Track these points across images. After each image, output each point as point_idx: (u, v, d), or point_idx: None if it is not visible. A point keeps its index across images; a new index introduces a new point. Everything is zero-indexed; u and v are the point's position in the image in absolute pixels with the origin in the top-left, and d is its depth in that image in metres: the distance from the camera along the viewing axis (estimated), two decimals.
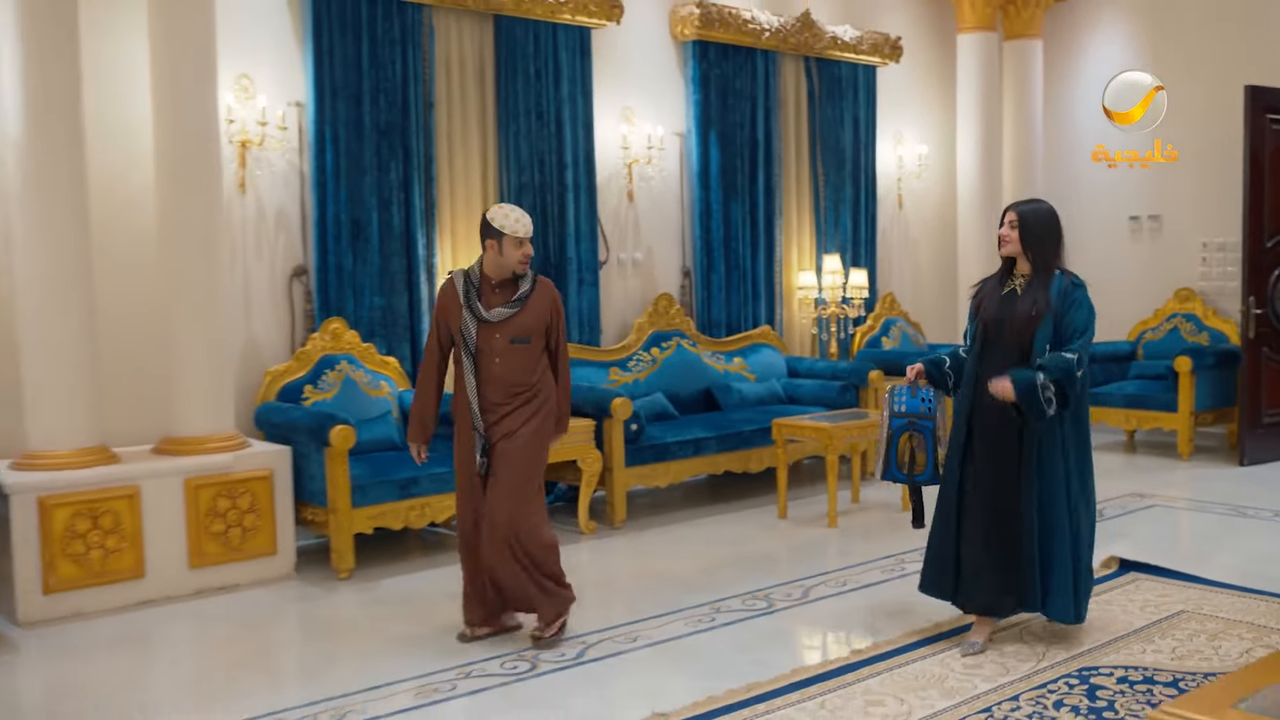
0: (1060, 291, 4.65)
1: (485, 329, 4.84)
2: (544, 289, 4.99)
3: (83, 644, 5.03)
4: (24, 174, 5.41)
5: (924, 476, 5.01)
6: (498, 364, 4.84)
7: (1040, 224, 4.73)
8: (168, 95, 5.81)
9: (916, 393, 5.02)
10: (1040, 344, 4.59)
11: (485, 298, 4.88)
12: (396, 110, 6.93)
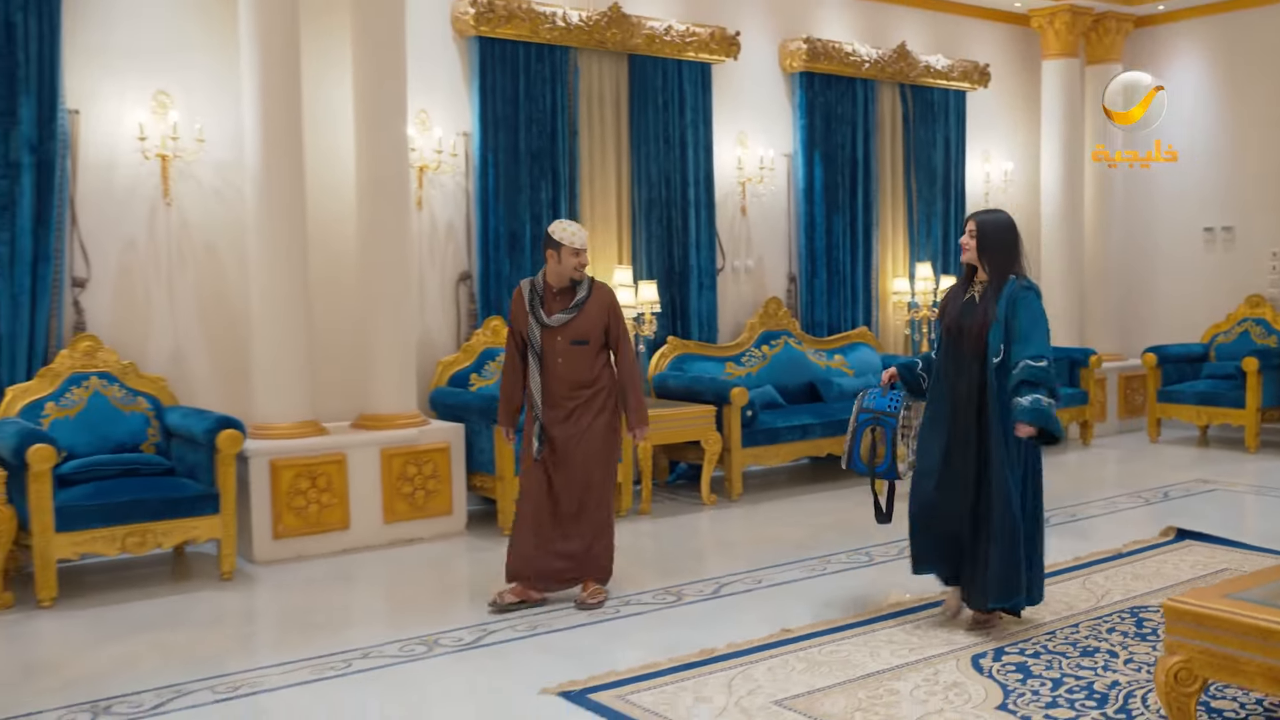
0: (1009, 296, 4.89)
1: (548, 332, 5.46)
2: (600, 294, 5.57)
3: (302, 579, 6.19)
4: (258, 197, 6.62)
5: (882, 469, 5.37)
6: (560, 363, 5.46)
7: (997, 234, 5.00)
8: (366, 130, 6.99)
9: (887, 393, 5.41)
10: (994, 346, 4.88)
11: (547, 304, 5.50)
12: (546, 138, 8.05)
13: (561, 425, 5.48)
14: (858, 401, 5.49)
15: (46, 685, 4.62)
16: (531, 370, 5.48)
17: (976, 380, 4.97)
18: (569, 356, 5.47)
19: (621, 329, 5.61)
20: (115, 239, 6.69)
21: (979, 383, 4.96)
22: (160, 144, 6.71)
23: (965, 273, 5.14)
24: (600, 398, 5.52)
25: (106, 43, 6.59)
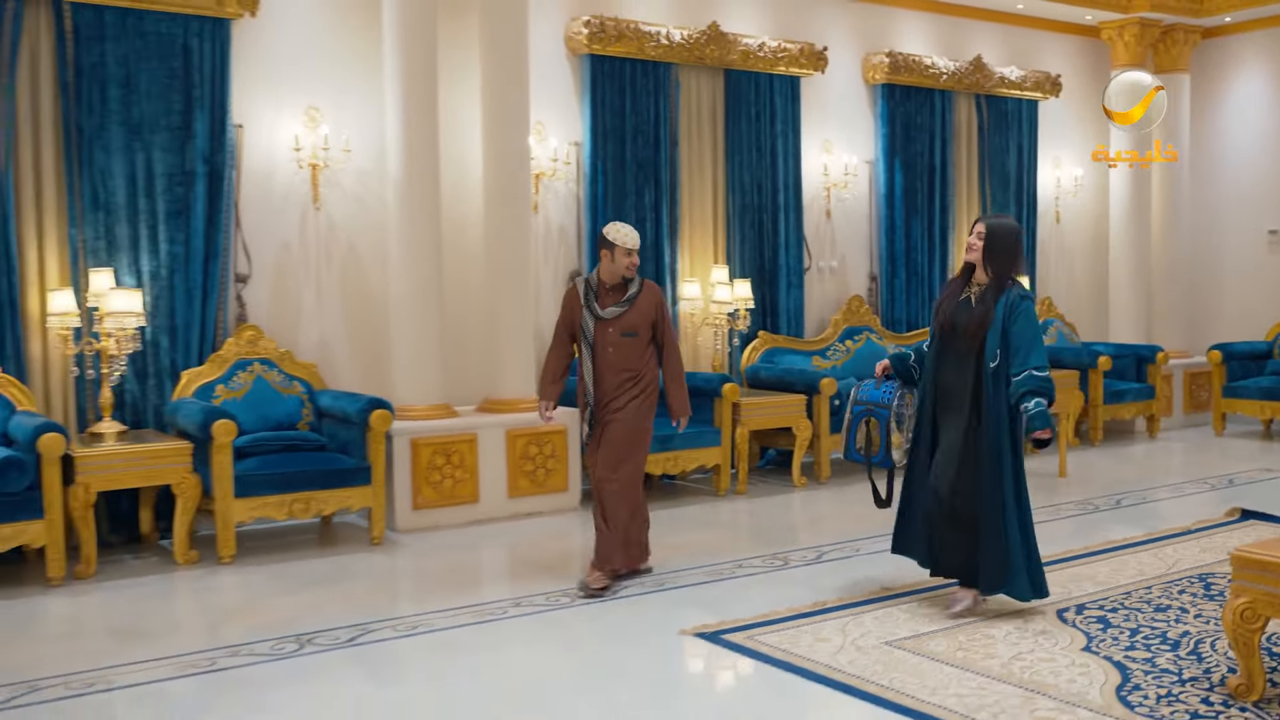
0: (1008, 304, 5.07)
1: (600, 325, 5.87)
2: (649, 291, 5.97)
3: (441, 545, 6.89)
4: (399, 202, 7.35)
5: (877, 458, 5.58)
6: (611, 353, 5.87)
7: (1004, 240, 5.15)
8: (493, 141, 7.69)
9: (880, 385, 5.62)
10: (991, 349, 5.08)
11: (601, 299, 5.91)
12: (650, 147, 8.72)
13: (607, 409, 5.91)
14: (852, 394, 5.75)
15: (248, 624, 5.35)
16: (584, 360, 5.93)
17: (970, 377, 5.15)
18: (619, 347, 5.89)
19: (667, 325, 6.03)
20: (272, 239, 7.45)
21: (973, 380, 5.14)
22: (312, 154, 7.47)
23: (963, 272, 5.31)
24: (642, 384, 5.93)
25: (267, 64, 7.35)
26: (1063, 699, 4.20)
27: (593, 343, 5.89)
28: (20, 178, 6.62)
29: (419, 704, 4.39)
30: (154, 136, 6.90)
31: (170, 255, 6.97)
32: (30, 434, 5.92)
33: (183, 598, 5.95)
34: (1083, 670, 4.50)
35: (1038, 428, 5.00)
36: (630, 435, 5.90)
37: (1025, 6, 10.64)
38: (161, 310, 6.95)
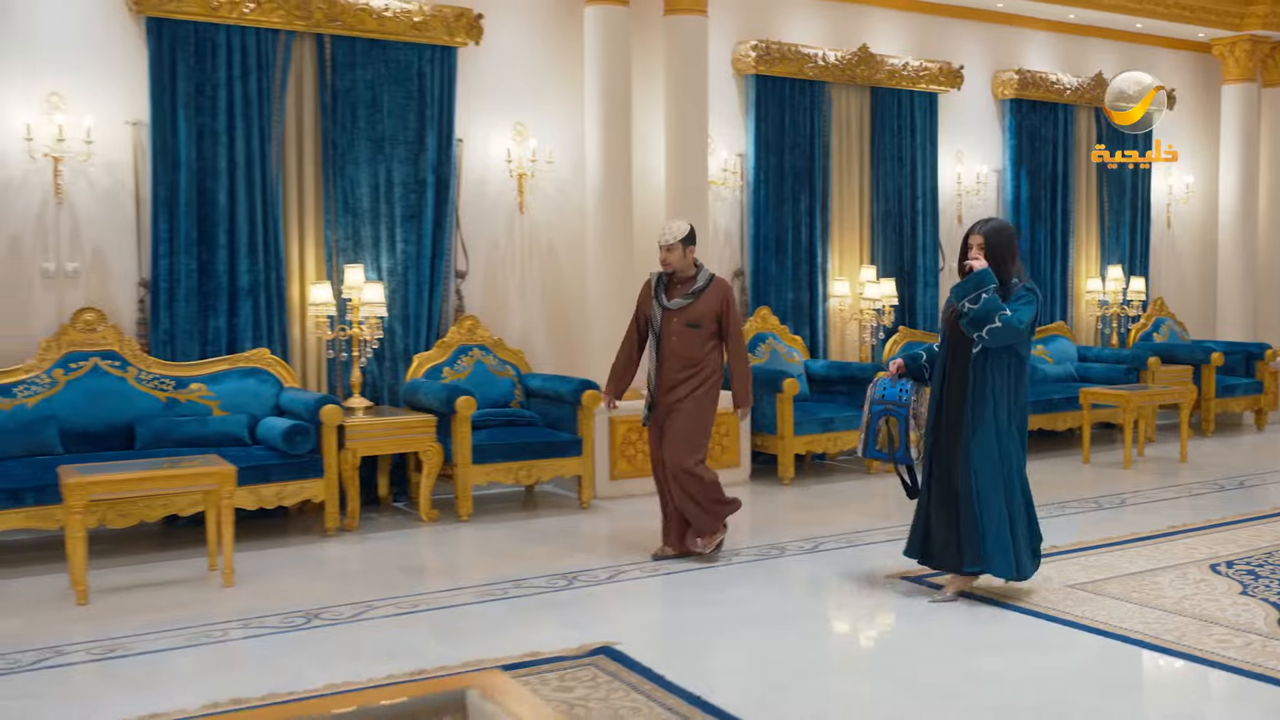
0: (1016, 296, 5.28)
1: (667, 314, 6.24)
2: (717, 287, 6.28)
3: (637, 510, 7.81)
4: (597, 208, 8.31)
5: (899, 454, 5.78)
6: (674, 341, 6.22)
7: (999, 242, 5.36)
8: (675, 153, 8.63)
9: (896, 383, 5.81)
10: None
11: (669, 291, 6.32)
12: (805, 158, 9.62)
13: (667, 396, 6.27)
14: (869, 392, 5.95)
15: (518, 566, 6.32)
16: (650, 347, 6.35)
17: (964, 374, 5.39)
18: (682, 336, 6.24)
19: (733, 319, 6.28)
20: (484, 240, 8.45)
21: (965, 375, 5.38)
22: (519, 165, 8.46)
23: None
24: (702, 375, 6.23)
25: (485, 86, 8.35)
26: (1233, 627, 5.05)
27: (659, 332, 6.28)
28: (287, 185, 7.68)
29: (710, 618, 5.34)
30: (393, 150, 7.92)
31: (404, 254, 7.99)
32: (313, 406, 6.96)
33: (443, 546, 6.94)
34: (1245, 608, 5.34)
35: (972, 286, 5.19)
36: (692, 425, 6.22)
37: (1143, 25, 11.39)
38: (397, 301, 7.97)
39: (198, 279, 7.34)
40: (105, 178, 7.20)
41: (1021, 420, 5.48)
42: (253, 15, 7.33)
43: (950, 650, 4.88)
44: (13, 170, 6.96)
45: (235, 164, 7.39)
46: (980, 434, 5.32)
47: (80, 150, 7.02)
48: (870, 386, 5.99)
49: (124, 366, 7.08)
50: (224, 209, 7.37)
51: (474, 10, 8.08)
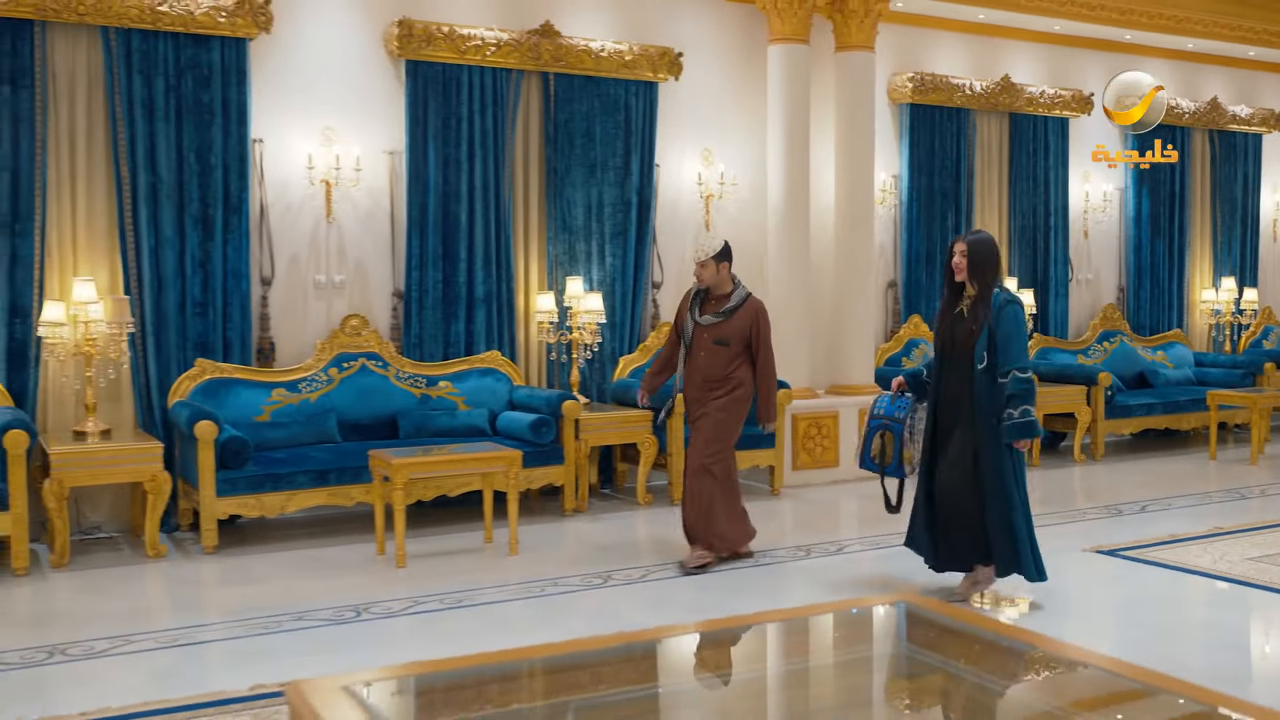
0: (997, 306, 5.45)
1: (698, 329, 6.40)
2: (749, 308, 6.38)
3: (819, 498, 8.74)
4: (777, 225, 9.24)
5: (890, 468, 5.96)
6: (702, 356, 6.37)
7: (984, 254, 5.52)
8: (844, 176, 9.55)
9: (896, 400, 5.98)
10: (979, 352, 5.43)
11: (704, 306, 6.45)
12: (951, 179, 10.52)
13: (692, 407, 6.50)
14: (869, 407, 6.19)
15: (766, 535, 7.25)
16: (680, 357, 6.53)
17: (966, 382, 5.54)
18: (710, 353, 6.38)
19: (763, 338, 6.42)
20: (675, 253, 9.41)
21: (968, 384, 5.53)
22: (707, 187, 9.42)
23: (953, 290, 5.66)
24: (728, 388, 6.39)
25: (678, 116, 9.31)
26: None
27: (689, 345, 6.46)
28: (515, 206, 8.67)
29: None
30: (604, 175, 8.89)
31: (612, 267, 8.96)
32: (555, 401, 7.93)
33: (667, 525, 7.88)
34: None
35: (1013, 438, 5.40)
36: (717, 429, 6.40)
37: (1255, 53, 12.20)
38: (605, 309, 8.94)
39: (442, 289, 8.34)
40: (367, 200, 8.21)
41: None
42: (493, 58, 8.32)
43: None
44: (294, 195, 7.98)
45: (474, 188, 8.38)
46: (992, 444, 5.47)
47: (350, 177, 8.04)
48: (872, 402, 6.21)
49: (385, 366, 8.09)
50: (464, 228, 8.36)
51: (674, 49, 9.05)
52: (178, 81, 7.45)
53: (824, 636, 3.68)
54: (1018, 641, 3.41)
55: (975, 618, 4.17)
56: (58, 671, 4.90)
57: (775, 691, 3.30)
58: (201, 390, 7.45)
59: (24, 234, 7.11)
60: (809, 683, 3.37)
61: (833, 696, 3.26)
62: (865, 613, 3.93)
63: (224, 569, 6.65)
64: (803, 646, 3.58)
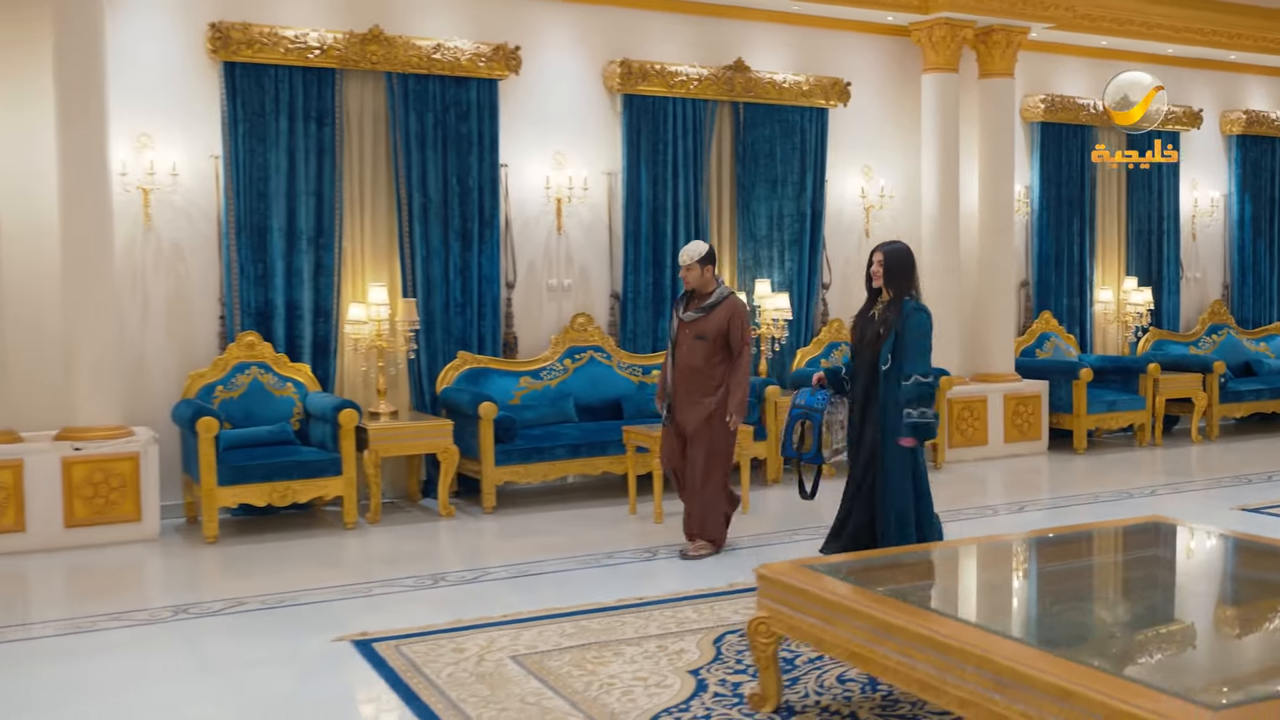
0: (905, 314, 5.81)
1: (681, 325, 6.78)
2: (727, 305, 6.72)
3: (965, 474, 9.97)
4: (933, 235, 10.48)
5: (809, 455, 6.27)
6: (684, 350, 6.76)
7: (898, 262, 5.95)
8: (987, 188, 10.77)
9: (816, 393, 6.31)
10: (884, 354, 5.82)
11: (687, 304, 6.84)
12: (1076, 189, 11.72)
13: (682, 404, 6.81)
14: (791, 399, 6.52)
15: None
16: (667, 355, 6.94)
17: (873, 381, 5.97)
18: (691, 347, 6.75)
19: (740, 335, 6.73)
20: (840, 258, 10.68)
21: (875, 383, 5.95)
22: (867, 200, 10.69)
23: (870, 295, 6.09)
24: (713, 386, 6.75)
25: (841, 137, 10.57)
26: None
27: (674, 340, 6.88)
28: (711, 218, 9.97)
29: None
30: (783, 190, 10.18)
31: (790, 270, 10.25)
32: (759, 388, 9.22)
33: None
34: None
35: (908, 434, 5.79)
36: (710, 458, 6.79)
37: None
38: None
39: (651, 291, 9.66)
40: (589, 215, 9.55)
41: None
42: (695, 90, 9.64)
43: None
44: (531, 211, 9.33)
45: (677, 203, 9.70)
46: (891, 439, 5.87)
47: (578, 195, 9.38)
48: (793, 394, 6.60)
49: (608, 357, 9.42)
50: (669, 237, 9.67)
51: (844, 80, 10.33)
52: (443, 117, 8.82)
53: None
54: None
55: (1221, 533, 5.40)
56: (425, 595, 6.25)
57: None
58: (463, 378, 8.82)
59: (326, 246, 8.50)
60: None
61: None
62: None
63: (507, 525, 7.99)
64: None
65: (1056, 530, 6.21)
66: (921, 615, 3.69)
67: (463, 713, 4.41)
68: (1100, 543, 5.02)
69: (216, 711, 4.61)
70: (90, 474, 7.34)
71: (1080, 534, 5.21)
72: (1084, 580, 4.63)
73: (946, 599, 4.48)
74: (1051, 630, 3.90)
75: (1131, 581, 4.66)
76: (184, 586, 6.59)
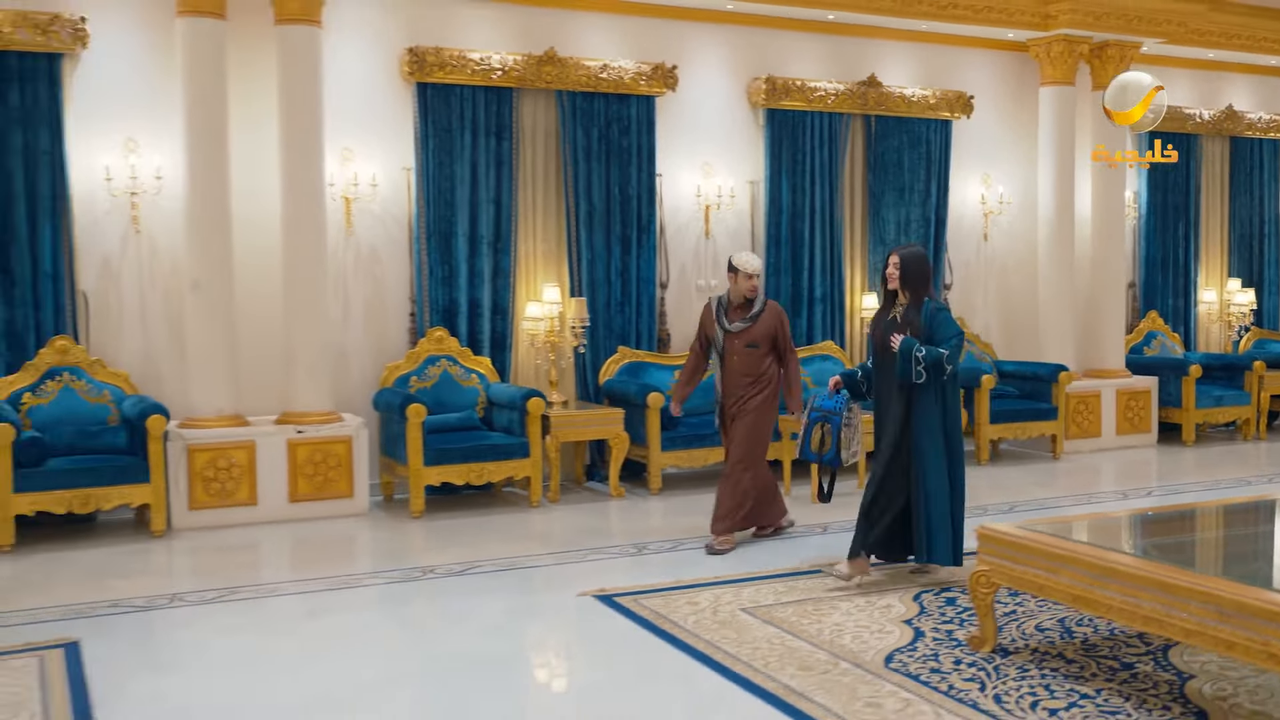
0: (929, 314, 5.91)
1: (729, 336, 7.01)
2: (771, 311, 7.00)
3: (1081, 463, 10.60)
4: (1049, 240, 11.12)
5: (828, 457, 6.47)
6: (735, 360, 7.01)
7: (915, 265, 6.00)
8: (1099, 194, 11.40)
9: (833, 397, 6.49)
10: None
11: (729, 315, 7.06)
12: (1181, 195, 12.32)
13: (733, 406, 7.10)
14: (809, 402, 6.68)
15: (1038, 494, 9.19)
16: (715, 364, 7.19)
17: (895, 383, 6.03)
18: (743, 356, 7.02)
19: (787, 338, 7.04)
20: (960, 259, 11.35)
21: (896, 385, 6.03)
22: (987, 206, 11.36)
23: (888, 297, 6.16)
24: (760, 385, 7.04)
25: (964, 148, 11.24)
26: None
27: (722, 351, 7.11)
28: (843, 223, 10.69)
29: None
30: (910, 198, 10.88)
31: None
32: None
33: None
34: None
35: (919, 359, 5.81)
36: (751, 429, 7.04)
37: None
38: None
39: (790, 291, 10.40)
40: (734, 221, 10.31)
41: (957, 422, 6.10)
42: (832, 104, 10.37)
43: None
44: (683, 217, 10.11)
45: (814, 210, 10.43)
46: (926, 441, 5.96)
47: (727, 202, 10.14)
48: (811, 398, 6.76)
49: None
50: (806, 241, 10.42)
51: (967, 93, 11.01)
52: (606, 131, 9.61)
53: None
54: None
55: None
56: (633, 561, 7.03)
57: None
58: (624, 370, 9.61)
59: (503, 250, 9.32)
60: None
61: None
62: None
63: (674, 504, 8.74)
64: None
65: (1226, 502, 6.89)
66: (1145, 563, 4.40)
67: (722, 650, 5.18)
68: (1263, 511, 5.70)
69: (518, 647, 5.45)
70: (311, 454, 8.21)
71: (1248, 505, 5.93)
72: (1264, 538, 5.32)
73: (1155, 550, 5.18)
74: (1253, 571, 4.61)
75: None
76: (415, 553, 7.42)
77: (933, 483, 5.96)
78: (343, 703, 4.74)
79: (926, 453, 5.96)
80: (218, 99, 8.05)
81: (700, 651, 5.17)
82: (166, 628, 5.75)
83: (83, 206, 8.18)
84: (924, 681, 4.73)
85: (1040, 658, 4.99)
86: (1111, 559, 4.45)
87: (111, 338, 8.33)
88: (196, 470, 7.89)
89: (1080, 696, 4.53)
